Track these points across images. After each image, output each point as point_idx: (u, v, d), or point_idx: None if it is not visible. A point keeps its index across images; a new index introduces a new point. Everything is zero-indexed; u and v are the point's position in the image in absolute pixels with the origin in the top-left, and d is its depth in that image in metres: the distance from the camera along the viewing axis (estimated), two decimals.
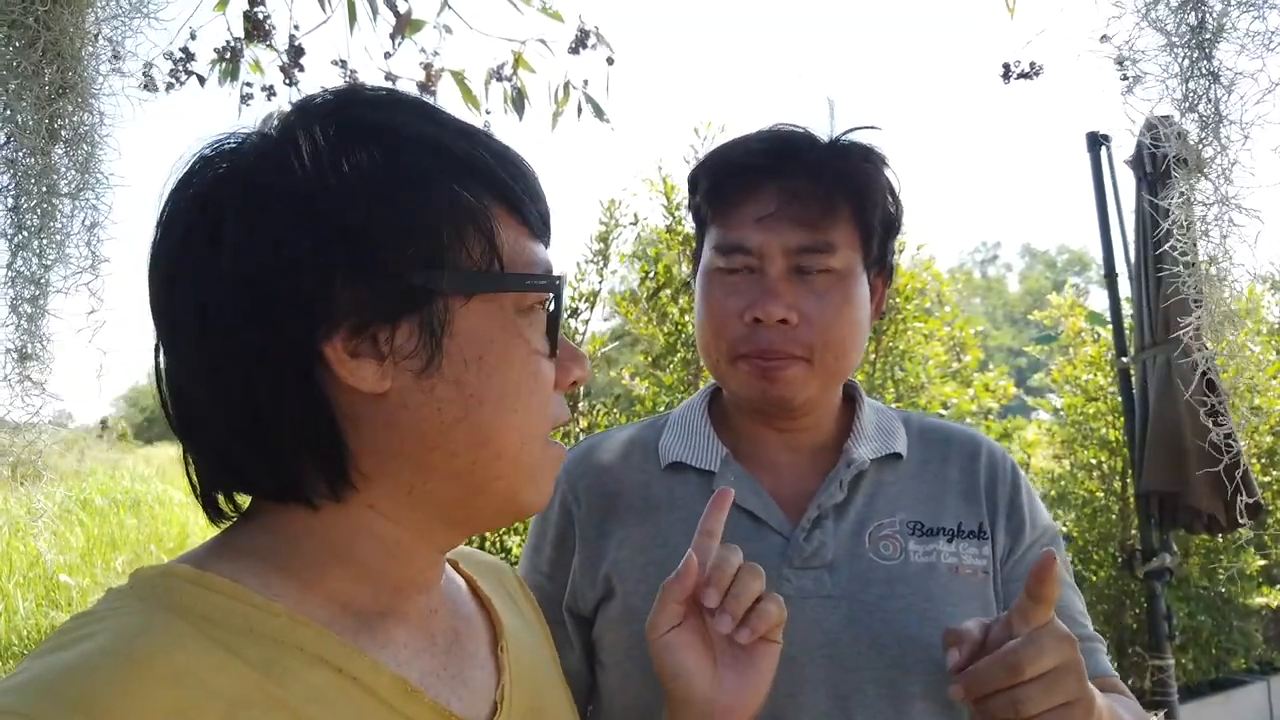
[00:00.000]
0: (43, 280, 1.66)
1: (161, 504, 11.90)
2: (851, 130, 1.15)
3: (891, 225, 1.18)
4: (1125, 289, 3.98)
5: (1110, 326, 4.37)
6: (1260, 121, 1.29)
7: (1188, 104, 1.30)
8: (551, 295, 0.72)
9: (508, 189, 0.70)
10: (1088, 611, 1.23)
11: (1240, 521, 3.45)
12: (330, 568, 0.68)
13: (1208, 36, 1.27)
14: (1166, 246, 1.32)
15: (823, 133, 1.15)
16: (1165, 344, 3.60)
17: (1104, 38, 1.70)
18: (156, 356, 0.69)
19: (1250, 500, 3.56)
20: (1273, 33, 1.24)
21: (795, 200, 1.09)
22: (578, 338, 4.08)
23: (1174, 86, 1.31)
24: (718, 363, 1.15)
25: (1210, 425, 1.32)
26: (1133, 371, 3.89)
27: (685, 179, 1.25)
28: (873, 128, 1.15)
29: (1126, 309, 4.07)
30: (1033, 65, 2.59)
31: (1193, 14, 1.28)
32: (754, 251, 1.10)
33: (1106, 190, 3.94)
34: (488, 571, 0.92)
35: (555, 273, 0.73)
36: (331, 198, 0.63)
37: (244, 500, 0.71)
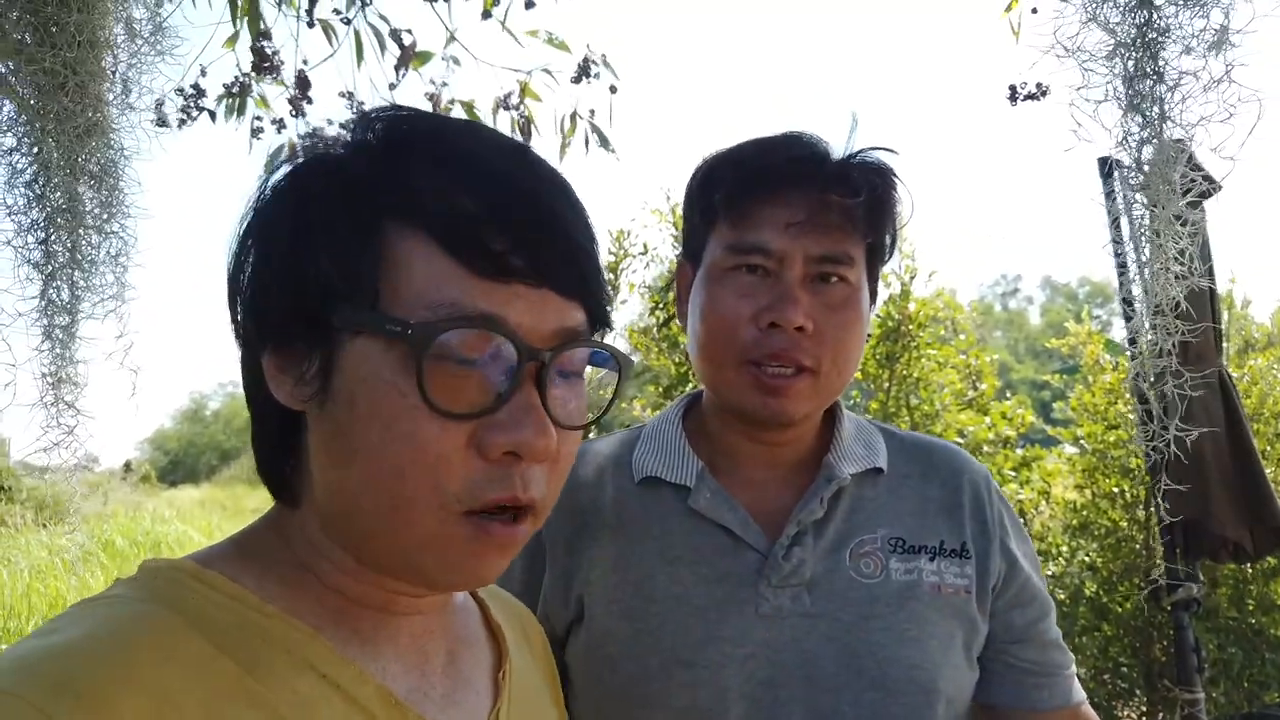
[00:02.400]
0: (73, 308, 1.72)
1: (181, 546, 11.94)
2: (870, 149, 1.13)
3: (891, 249, 1.18)
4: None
5: (1128, 354, 4.31)
6: (1203, 122, 1.28)
7: (1131, 105, 1.30)
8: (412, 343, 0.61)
9: (436, 218, 0.62)
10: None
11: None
12: (314, 575, 0.69)
13: (1154, 36, 1.27)
14: (1118, 249, 1.31)
15: (838, 146, 1.13)
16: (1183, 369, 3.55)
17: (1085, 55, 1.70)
18: None
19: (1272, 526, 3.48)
20: (1216, 29, 1.23)
21: (825, 210, 1.07)
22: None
23: (1118, 88, 1.30)
24: (720, 368, 1.10)
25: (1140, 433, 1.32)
26: (1151, 397, 3.83)
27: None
28: (889, 150, 1.14)
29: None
30: (1039, 86, 2.59)
31: (1141, 13, 1.27)
32: (775, 254, 1.07)
33: (1120, 216, 3.92)
34: (506, 607, 0.91)
35: (459, 316, 0.61)
36: (269, 220, 0.68)
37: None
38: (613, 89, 2.50)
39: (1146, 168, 1.70)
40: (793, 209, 1.07)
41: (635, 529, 1.13)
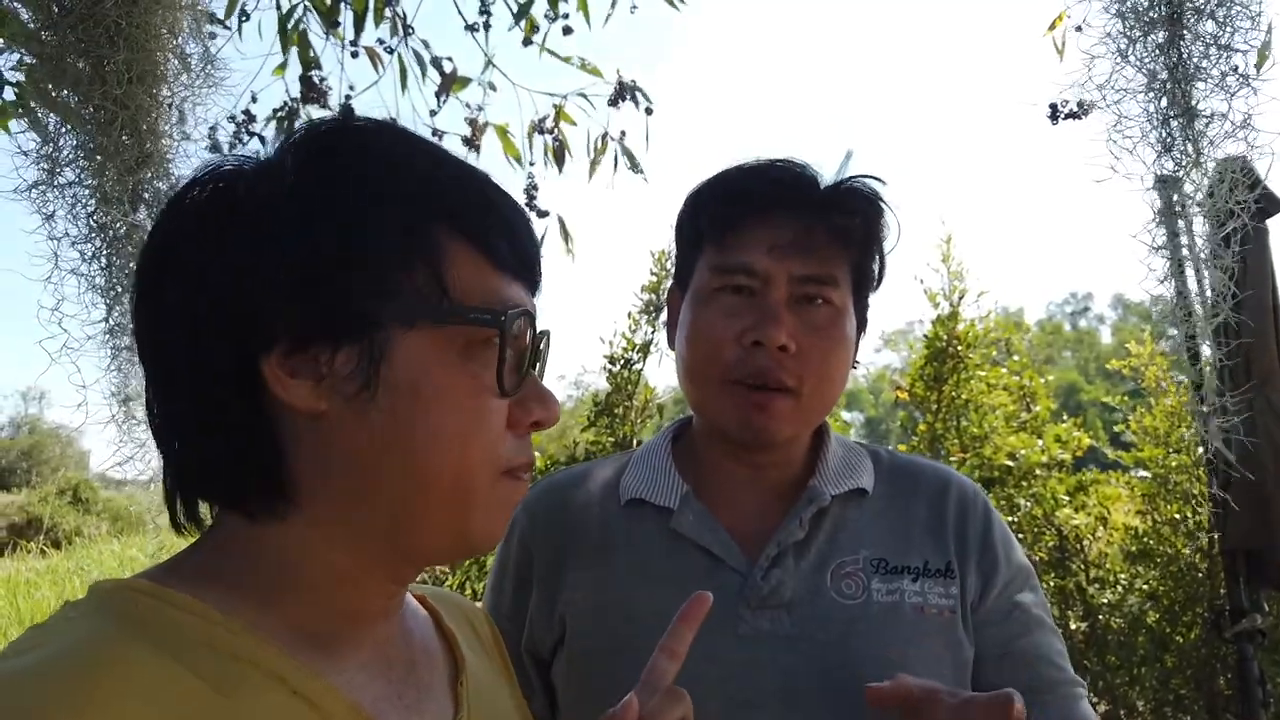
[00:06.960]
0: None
1: None
2: (859, 176, 1.15)
3: (880, 276, 1.19)
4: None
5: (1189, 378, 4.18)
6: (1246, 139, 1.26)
7: (1163, 145, 1.29)
8: (498, 331, 0.68)
9: (472, 222, 0.69)
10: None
11: None
12: (283, 589, 0.68)
13: (1187, 73, 1.26)
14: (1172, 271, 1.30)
15: (828, 174, 1.15)
16: (1246, 392, 3.43)
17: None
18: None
19: None
20: (1244, 71, 1.22)
21: (807, 233, 1.09)
22: (630, 388, 4.11)
23: (1155, 126, 1.30)
24: (704, 387, 1.12)
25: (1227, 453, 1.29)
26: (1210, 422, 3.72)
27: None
28: (877, 179, 1.16)
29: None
30: (1080, 105, 2.55)
31: (1171, 53, 1.27)
32: (759, 274, 1.09)
33: (1179, 235, 3.82)
34: (455, 610, 0.91)
35: (520, 309, 0.70)
36: (281, 218, 0.65)
37: (207, 516, 0.73)
38: (648, 111, 2.53)
39: (1198, 193, 1.68)
40: (778, 230, 1.09)
41: (618, 550, 1.14)
